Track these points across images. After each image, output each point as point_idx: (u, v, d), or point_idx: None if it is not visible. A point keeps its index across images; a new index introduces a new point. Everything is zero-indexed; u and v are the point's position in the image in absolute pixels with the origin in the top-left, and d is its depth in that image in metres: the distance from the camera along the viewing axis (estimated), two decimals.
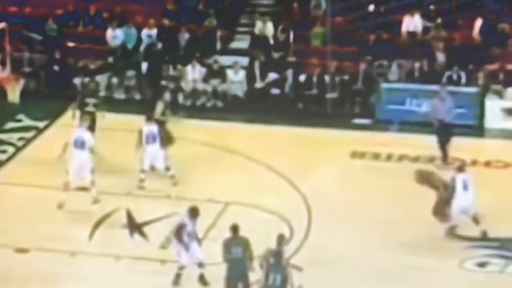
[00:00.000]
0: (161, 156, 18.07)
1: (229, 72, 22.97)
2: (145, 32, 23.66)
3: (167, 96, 19.40)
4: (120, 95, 23.02)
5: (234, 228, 14.44)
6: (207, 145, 19.91)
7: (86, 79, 22.65)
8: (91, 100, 19.39)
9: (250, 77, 23.08)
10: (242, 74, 23.00)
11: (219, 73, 23.02)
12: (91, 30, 24.11)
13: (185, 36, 23.67)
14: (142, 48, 23.53)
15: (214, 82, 22.88)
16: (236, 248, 14.15)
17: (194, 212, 14.85)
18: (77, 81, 22.92)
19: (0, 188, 18.24)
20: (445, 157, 19.14)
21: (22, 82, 22.39)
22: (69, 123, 19.26)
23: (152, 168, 17.98)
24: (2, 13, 24.24)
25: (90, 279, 15.34)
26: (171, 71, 23.30)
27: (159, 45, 23.24)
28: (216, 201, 17.46)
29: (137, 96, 22.97)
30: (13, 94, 22.10)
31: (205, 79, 22.87)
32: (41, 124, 20.82)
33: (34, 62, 23.49)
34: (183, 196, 17.53)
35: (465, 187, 16.40)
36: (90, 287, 15.21)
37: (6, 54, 22.85)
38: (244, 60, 23.29)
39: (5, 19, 22.83)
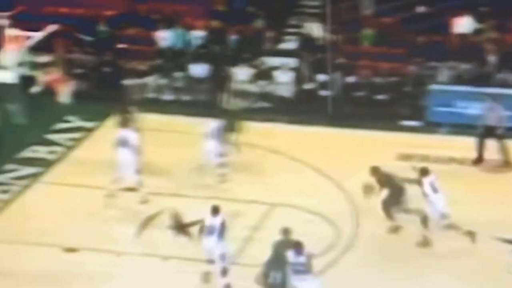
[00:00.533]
0: (216, 152, 18.43)
1: (277, 73, 23.17)
2: (194, 33, 24.01)
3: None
4: (168, 96, 23.37)
5: (285, 231, 14.67)
6: (253, 146, 20.16)
7: (135, 81, 23.10)
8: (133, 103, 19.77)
9: (298, 79, 23.28)
10: (289, 75, 23.19)
11: (267, 74, 23.24)
12: (141, 31, 24.52)
13: (233, 38, 23.96)
14: (190, 49, 23.85)
15: (261, 83, 23.13)
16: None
17: (214, 210, 15.32)
18: (126, 82, 23.35)
19: (49, 188, 18.71)
20: (479, 159, 19.19)
21: (72, 83, 22.77)
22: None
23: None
24: (53, 14, 24.74)
25: (136, 279, 15.67)
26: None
27: (215, 47, 23.54)
28: (261, 202, 17.68)
29: (186, 97, 23.29)
30: (64, 95, 22.47)
31: (253, 80, 23.12)
32: (90, 125, 21.23)
33: (85, 64, 23.98)
34: (229, 197, 17.79)
35: (435, 190, 16.40)
36: (136, 287, 15.54)
37: (57, 56, 23.30)
38: (292, 62, 23.51)
39: (57, 20, 23.23)
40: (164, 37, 23.78)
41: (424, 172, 16.64)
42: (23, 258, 16.15)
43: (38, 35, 21.58)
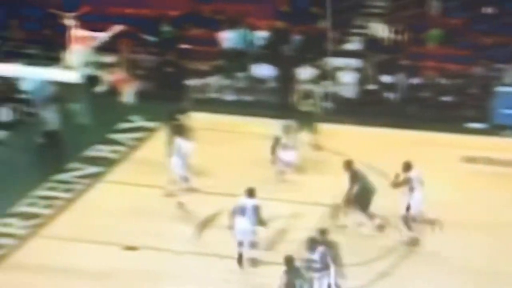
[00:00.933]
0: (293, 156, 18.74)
1: (341, 74, 23.15)
2: (258, 33, 24.16)
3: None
4: (230, 96, 23.60)
5: (323, 232, 14.79)
6: (315, 147, 20.21)
7: (198, 81, 23.38)
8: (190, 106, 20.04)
9: (362, 79, 23.23)
10: (353, 76, 23.15)
11: (330, 75, 23.23)
12: (204, 32, 24.76)
13: (297, 38, 24.04)
14: (254, 50, 23.99)
15: (325, 83, 23.13)
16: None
17: (249, 192, 15.85)
18: (189, 82, 23.61)
19: (112, 187, 19.06)
20: None
21: (136, 83, 23.09)
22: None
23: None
24: (118, 15, 25.15)
25: (194, 278, 15.86)
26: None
27: (278, 47, 23.67)
28: (322, 204, 17.73)
29: (248, 98, 23.50)
30: (128, 95, 22.79)
31: (316, 81, 23.18)
32: (152, 125, 21.53)
33: (148, 64, 24.32)
34: (290, 199, 17.87)
35: (419, 185, 16.59)
36: (194, 286, 15.74)
37: (122, 56, 23.67)
38: (356, 62, 23.48)
39: (122, 20, 23.60)
40: (227, 37, 23.96)
41: (408, 166, 16.77)
42: (84, 256, 16.50)
43: (103, 36, 21.91)
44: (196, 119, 21.27)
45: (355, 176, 16.99)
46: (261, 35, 24.16)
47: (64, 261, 16.35)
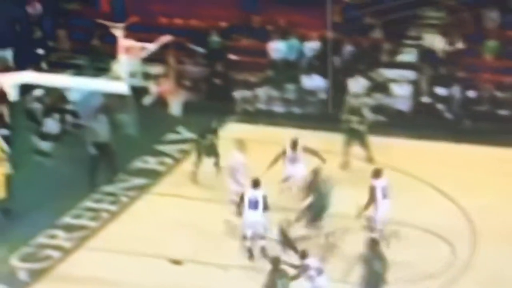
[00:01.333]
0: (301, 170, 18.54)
1: (394, 86, 23.00)
2: (307, 44, 24.19)
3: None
4: (279, 108, 23.63)
5: (373, 242, 14.83)
6: (368, 160, 20.09)
7: (246, 92, 23.43)
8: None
9: (416, 92, 23.03)
10: (407, 88, 22.98)
11: (383, 87, 23.12)
12: (253, 43, 24.82)
13: (348, 49, 23.98)
14: (304, 61, 24.01)
15: (378, 96, 23.01)
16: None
17: (255, 183, 16.49)
18: (237, 94, 23.74)
19: (159, 199, 19.14)
20: None
21: (184, 94, 23.21)
22: (228, 136, 19.92)
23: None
24: (167, 25, 25.35)
25: None
26: None
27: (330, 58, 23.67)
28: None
29: (297, 110, 23.49)
30: (175, 106, 22.92)
31: (368, 93, 23.05)
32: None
33: (196, 75, 24.45)
34: (339, 214, 17.78)
35: (384, 196, 16.66)
36: None
37: (169, 67, 23.83)
38: (411, 74, 23.33)
39: (170, 31, 23.78)
40: (277, 48, 24.02)
41: (376, 173, 16.85)
42: (129, 268, 16.57)
43: (151, 46, 22.09)
44: (245, 131, 21.34)
45: (313, 186, 17.03)
46: (311, 46, 24.14)
47: (109, 274, 16.46)
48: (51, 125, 22.05)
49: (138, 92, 22.51)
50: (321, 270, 14.87)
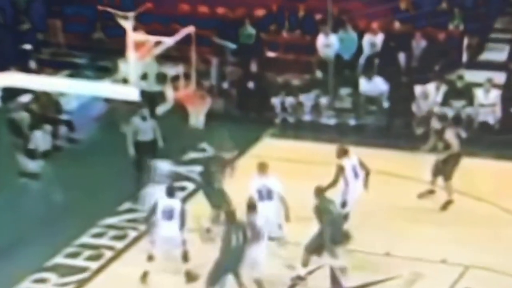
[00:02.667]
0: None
1: (478, 92, 23.19)
2: (367, 38, 24.48)
3: None
4: (329, 120, 23.94)
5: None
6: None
7: (287, 99, 23.77)
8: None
9: (507, 99, 23.23)
10: (495, 94, 23.18)
11: (464, 93, 23.28)
12: (297, 36, 25.16)
13: (421, 44, 24.24)
14: (362, 59, 24.39)
15: (457, 104, 23.21)
16: None
17: (169, 190, 17.87)
18: (276, 101, 24.01)
19: None
20: None
21: (208, 101, 23.48)
22: (263, 154, 20.25)
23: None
24: (190, 14, 25.72)
25: None
26: None
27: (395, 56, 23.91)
28: (450, 263, 17.92)
29: (352, 122, 23.80)
30: (197, 117, 23.12)
31: (445, 101, 23.25)
32: (228, 155, 21.88)
33: (225, 77, 24.83)
34: (393, 253, 18.14)
35: (356, 175, 17.99)
36: None
37: (191, 66, 24.07)
38: (500, 77, 23.58)
39: (193, 21, 24.05)
40: (328, 43, 24.35)
41: (342, 152, 18.19)
42: None
43: (168, 41, 22.38)
44: (284, 148, 21.65)
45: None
46: (372, 40, 24.47)
47: None
48: (41, 139, 22.49)
49: (151, 98, 22.91)
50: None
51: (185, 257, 17.59)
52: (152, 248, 17.66)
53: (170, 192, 17.91)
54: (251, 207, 17.09)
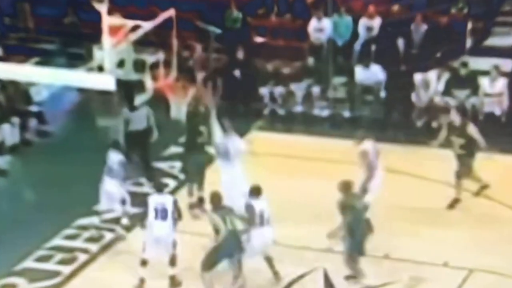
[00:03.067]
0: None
1: (484, 81, 23.23)
2: (363, 22, 24.46)
3: None
4: (322, 111, 23.93)
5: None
6: (439, 183, 20.35)
7: (277, 89, 23.75)
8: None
9: None
10: (502, 83, 23.18)
11: (468, 82, 23.29)
12: (288, 20, 25.11)
13: (421, 28, 24.25)
14: (357, 45, 24.38)
15: (460, 94, 23.23)
16: None
17: (159, 186, 18.13)
18: (264, 91, 24.01)
19: None
20: None
21: (191, 91, 23.48)
22: (253, 151, 20.26)
23: None
24: None
25: None
26: None
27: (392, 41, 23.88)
28: (453, 266, 17.93)
29: (346, 114, 23.79)
30: (179, 108, 23.14)
31: (448, 90, 23.26)
32: (213, 150, 21.85)
33: (209, 65, 24.78)
34: (392, 256, 18.15)
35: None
36: None
37: (172, 53, 24.05)
38: (507, 64, 23.58)
39: (174, 4, 24.01)
40: (321, 27, 24.37)
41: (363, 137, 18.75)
42: None
43: (147, 26, 22.35)
44: (274, 142, 21.62)
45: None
46: (368, 25, 24.46)
47: None
48: (8, 132, 22.47)
49: (128, 88, 22.88)
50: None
51: (173, 261, 17.51)
52: (143, 252, 17.60)
53: (159, 188, 17.98)
54: (254, 191, 17.30)
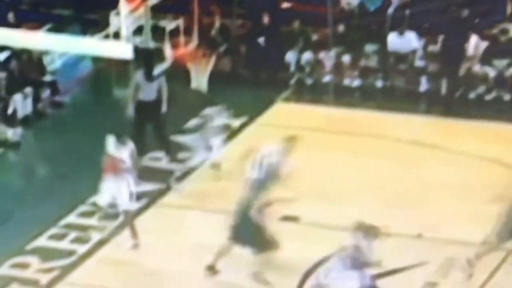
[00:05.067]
0: None
1: None
2: None
3: None
4: (352, 81, 24.01)
5: None
6: (473, 156, 20.47)
7: (304, 56, 23.80)
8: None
9: None
10: None
11: (508, 50, 23.34)
12: None
13: None
14: (390, 10, 24.33)
15: (500, 63, 23.26)
16: None
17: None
18: (290, 57, 24.08)
19: (168, 212, 19.66)
20: None
21: (212, 60, 23.52)
22: (276, 122, 20.33)
23: None
24: None
25: None
26: None
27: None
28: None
29: (379, 84, 23.84)
30: (199, 78, 23.16)
31: (486, 59, 23.27)
32: (236, 123, 21.99)
33: (230, 32, 24.89)
34: (426, 235, 18.18)
35: None
36: None
37: (193, 19, 24.09)
38: None
39: None
40: None
41: None
42: None
43: None
44: (301, 114, 21.70)
45: None
46: None
47: None
48: (20, 103, 22.60)
49: (147, 56, 22.97)
50: None
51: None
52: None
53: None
54: None
